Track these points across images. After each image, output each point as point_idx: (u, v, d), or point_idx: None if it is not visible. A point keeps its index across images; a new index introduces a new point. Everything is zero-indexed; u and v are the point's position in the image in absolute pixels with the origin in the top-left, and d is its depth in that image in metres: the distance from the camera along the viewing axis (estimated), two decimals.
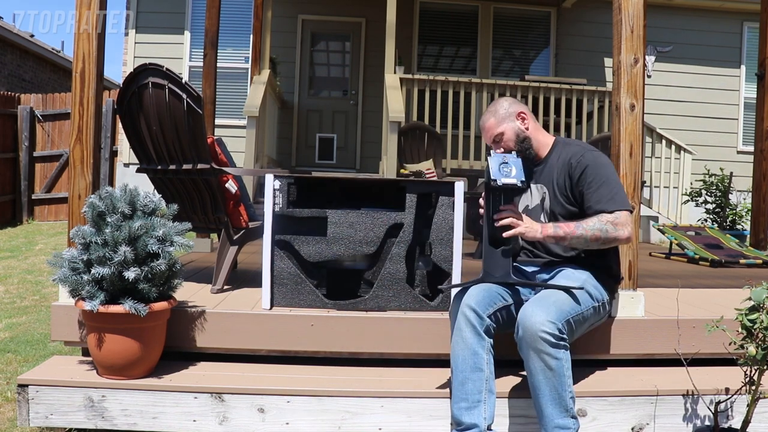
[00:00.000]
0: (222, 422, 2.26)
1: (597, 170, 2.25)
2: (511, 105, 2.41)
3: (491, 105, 2.45)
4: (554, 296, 2.14)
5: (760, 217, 4.98)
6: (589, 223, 2.18)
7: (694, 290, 3.37)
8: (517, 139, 2.37)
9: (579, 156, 2.29)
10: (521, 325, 2.06)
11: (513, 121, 2.38)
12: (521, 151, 2.34)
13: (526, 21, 9.12)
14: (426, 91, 6.74)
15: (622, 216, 2.20)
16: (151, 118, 2.76)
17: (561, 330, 2.04)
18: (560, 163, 2.34)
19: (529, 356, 2.05)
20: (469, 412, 2.07)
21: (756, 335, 2.03)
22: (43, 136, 8.92)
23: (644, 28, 2.69)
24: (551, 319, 2.03)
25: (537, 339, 2.01)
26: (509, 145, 2.36)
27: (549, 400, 2.03)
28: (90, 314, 2.22)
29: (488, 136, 2.40)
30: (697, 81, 9.04)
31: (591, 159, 2.27)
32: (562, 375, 2.03)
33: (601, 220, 2.19)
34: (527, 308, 2.08)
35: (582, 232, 2.17)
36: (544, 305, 2.08)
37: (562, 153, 2.37)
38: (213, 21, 4.95)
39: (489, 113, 2.41)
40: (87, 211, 2.25)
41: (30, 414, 2.26)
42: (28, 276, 5.54)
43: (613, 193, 2.23)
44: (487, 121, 2.41)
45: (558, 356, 2.02)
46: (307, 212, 2.61)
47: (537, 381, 2.04)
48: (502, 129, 2.37)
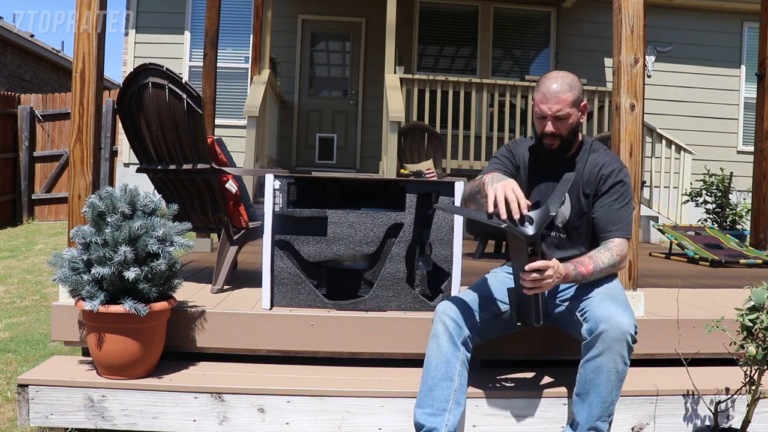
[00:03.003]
0: (222, 422, 2.26)
1: (626, 190, 2.20)
2: (582, 91, 2.20)
3: (565, 75, 2.18)
4: (620, 294, 2.12)
5: (760, 217, 4.98)
6: (603, 259, 2.11)
7: (694, 290, 3.37)
8: (572, 128, 2.19)
9: (614, 170, 2.20)
10: (605, 322, 1.96)
11: (578, 109, 2.19)
12: (564, 144, 2.20)
13: (526, 21, 9.12)
14: (426, 91, 6.74)
15: (626, 247, 2.18)
16: (151, 118, 2.76)
17: (637, 333, 2.01)
18: (588, 171, 2.23)
19: (602, 354, 1.96)
20: (433, 418, 2.03)
21: (756, 335, 2.04)
22: (43, 136, 8.92)
23: (644, 28, 2.69)
24: (634, 322, 1.99)
25: (622, 341, 1.94)
26: (562, 129, 2.16)
27: (601, 401, 1.99)
28: (90, 314, 2.22)
29: (556, 108, 2.13)
30: (697, 81, 9.04)
31: (624, 175, 2.21)
32: (621, 381, 1.99)
33: (612, 253, 2.13)
34: (609, 306, 2.00)
35: (599, 273, 2.11)
36: (622, 305, 2.03)
37: (589, 160, 2.25)
38: (213, 21, 4.95)
39: (567, 85, 2.15)
40: (87, 211, 2.25)
41: (30, 414, 2.26)
42: (28, 276, 5.54)
43: (629, 219, 2.19)
44: (563, 93, 2.13)
45: (627, 362, 1.98)
46: (307, 212, 2.61)
47: (599, 380, 1.98)
48: (572, 111, 2.15)
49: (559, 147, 2.21)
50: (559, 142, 2.19)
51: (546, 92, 2.15)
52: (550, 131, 2.17)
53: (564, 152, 2.24)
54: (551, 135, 2.18)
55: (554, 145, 2.20)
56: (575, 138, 2.24)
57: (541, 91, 2.17)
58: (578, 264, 2.08)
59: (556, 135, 2.17)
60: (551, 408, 2.29)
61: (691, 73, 9.03)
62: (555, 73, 2.19)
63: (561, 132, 2.17)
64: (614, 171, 2.20)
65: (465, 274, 2.63)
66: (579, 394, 2.04)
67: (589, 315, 2.03)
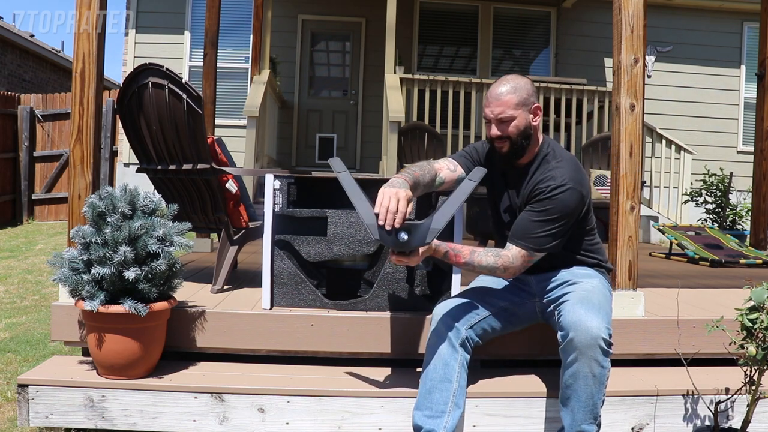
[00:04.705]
0: (222, 422, 2.26)
1: (552, 208, 2.07)
2: (532, 94, 2.14)
3: (511, 78, 2.14)
4: (596, 297, 2.05)
5: (760, 217, 4.98)
6: (482, 261, 2.07)
7: (694, 290, 3.37)
8: (520, 132, 2.12)
9: (548, 186, 2.09)
10: (574, 328, 1.94)
11: (528, 111, 2.13)
12: (514, 148, 2.14)
13: (526, 21, 9.12)
14: (426, 91, 6.74)
15: (519, 260, 2.08)
16: (151, 118, 2.76)
17: (611, 335, 1.97)
18: (534, 181, 2.15)
19: (576, 360, 1.94)
20: (431, 420, 2.03)
21: (756, 335, 2.04)
22: (43, 136, 8.92)
23: (644, 28, 2.69)
24: (606, 324, 1.96)
25: (593, 346, 1.91)
26: (510, 133, 2.11)
27: (582, 405, 1.98)
28: (90, 314, 2.22)
29: (498, 110, 2.10)
30: (697, 81, 9.04)
31: (558, 193, 2.07)
32: (601, 383, 1.97)
33: (497, 261, 2.07)
34: (578, 310, 1.96)
35: (471, 268, 2.09)
36: (594, 308, 1.98)
37: (538, 171, 2.17)
38: (213, 21, 4.95)
39: (510, 87, 2.11)
40: (87, 211, 2.25)
41: (30, 414, 2.26)
42: (28, 276, 5.54)
43: (539, 235, 2.07)
44: (505, 94, 2.10)
45: (604, 365, 1.95)
46: (307, 212, 2.61)
47: (576, 385, 1.97)
48: (518, 113, 2.10)
49: (509, 151, 2.15)
50: (508, 145, 2.14)
51: (489, 95, 2.15)
52: (495, 134, 2.14)
53: (516, 157, 2.18)
54: (498, 138, 2.14)
55: (504, 149, 2.15)
56: (527, 142, 2.15)
57: (486, 96, 2.17)
58: (454, 251, 2.06)
59: (503, 137, 2.14)
60: (551, 408, 2.29)
61: (691, 73, 9.03)
62: (504, 77, 2.18)
63: (508, 134, 2.12)
64: (547, 187, 2.09)
65: (465, 274, 2.63)
66: (562, 400, 2.05)
67: (562, 320, 2.00)
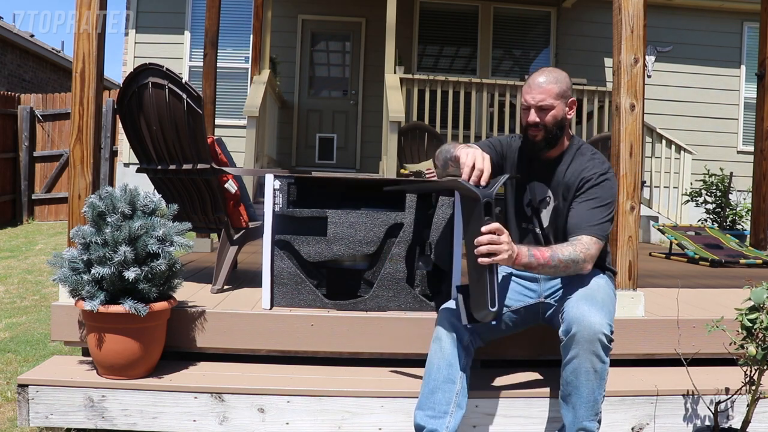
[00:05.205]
0: (222, 422, 2.26)
1: (604, 193, 2.15)
2: (570, 88, 2.21)
3: (553, 70, 2.21)
4: (600, 294, 2.07)
5: (760, 217, 4.98)
6: (564, 252, 2.04)
7: (694, 290, 3.37)
8: (556, 122, 2.17)
9: (594, 174, 2.17)
10: (576, 323, 1.96)
11: (566, 104, 2.19)
12: (548, 137, 2.18)
13: (526, 21, 9.12)
14: (426, 91, 6.73)
15: (593, 247, 2.09)
16: (151, 118, 2.76)
17: (613, 332, 1.99)
18: (570, 174, 2.21)
19: (578, 356, 1.96)
20: (434, 420, 2.03)
21: (756, 335, 2.04)
22: (43, 136, 8.92)
23: (644, 28, 2.70)
24: (608, 321, 1.98)
25: (595, 341, 1.94)
26: (547, 122, 2.16)
27: (584, 401, 1.99)
28: (90, 314, 2.22)
29: (539, 98, 2.15)
30: (697, 81, 9.04)
31: (605, 179, 2.17)
32: (602, 379, 1.99)
33: (576, 249, 2.06)
34: (582, 306, 1.99)
35: (556, 263, 2.02)
36: (596, 304, 2.00)
37: (574, 163, 2.23)
38: (213, 21, 4.95)
39: (552, 77, 2.17)
40: (87, 211, 2.25)
41: (30, 414, 2.26)
42: (28, 276, 5.54)
43: (602, 220, 2.13)
44: (547, 83, 2.16)
45: (605, 360, 1.97)
46: (307, 212, 2.61)
47: (578, 381, 1.98)
48: (557, 104, 2.16)
49: (543, 139, 2.19)
50: (543, 134, 2.18)
51: (531, 83, 2.19)
52: (533, 121, 2.17)
53: (548, 147, 2.22)
54: (534, 125, 2.18)
55: (537, 137, 2.19)
56: (561, 133, 2.21)
57: (527, 84, 2.21)
58: (534, 249, 2.03)
59: (540, 125, 2.17)
60: (551, 408, 2.29)
61: (691, 73, 9.03)
62: (544, 68, 2.25)
63: (545, 123, 2.16)
64: (594, 174, 2.17)
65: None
66: (563, 397, 2.05)
67: (564, 316, 2.02)
